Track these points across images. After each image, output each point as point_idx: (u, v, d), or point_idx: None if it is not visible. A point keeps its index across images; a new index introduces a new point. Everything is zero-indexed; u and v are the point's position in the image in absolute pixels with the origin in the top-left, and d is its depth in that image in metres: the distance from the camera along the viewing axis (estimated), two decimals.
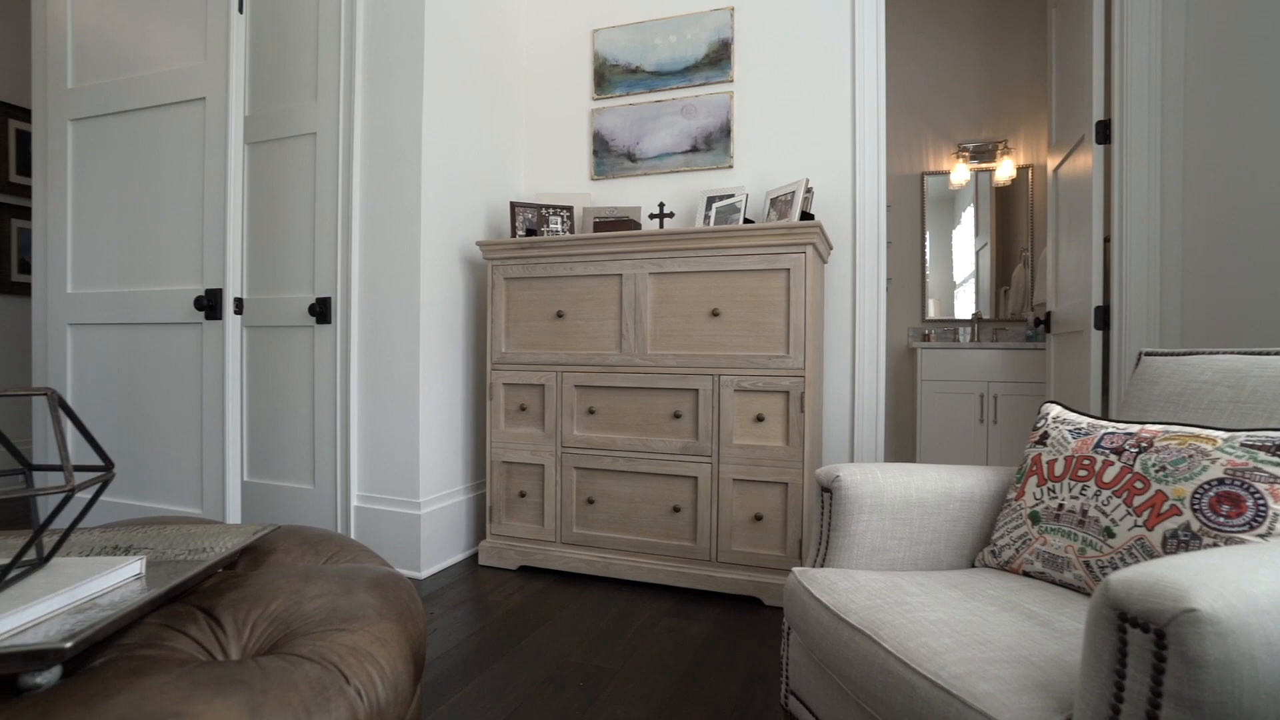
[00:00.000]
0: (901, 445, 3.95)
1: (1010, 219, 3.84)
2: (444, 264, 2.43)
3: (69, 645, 0.60)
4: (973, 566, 1.22)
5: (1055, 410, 1.24)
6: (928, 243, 3.97)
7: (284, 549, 1.05)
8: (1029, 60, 3.75)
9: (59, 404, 0.85)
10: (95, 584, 0.86)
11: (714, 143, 2.64)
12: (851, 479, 1.22)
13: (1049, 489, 1.11)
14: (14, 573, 0.84)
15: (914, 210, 3.98)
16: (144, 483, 2.16)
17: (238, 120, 1.98)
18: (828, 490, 1.26)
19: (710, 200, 2.49)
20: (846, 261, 2.47)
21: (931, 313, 3.97)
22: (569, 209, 2.53)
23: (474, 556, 2.50)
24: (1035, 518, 1.11)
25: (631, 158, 2.76)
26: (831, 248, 2.44)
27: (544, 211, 2.49)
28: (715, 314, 2.11)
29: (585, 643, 1.79)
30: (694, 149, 2.67)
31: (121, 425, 2.20)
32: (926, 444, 3.55)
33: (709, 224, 2.44)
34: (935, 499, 1.22)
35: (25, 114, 3.50)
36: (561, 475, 2.31)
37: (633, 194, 2.77)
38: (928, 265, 3.97)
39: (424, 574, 2.28)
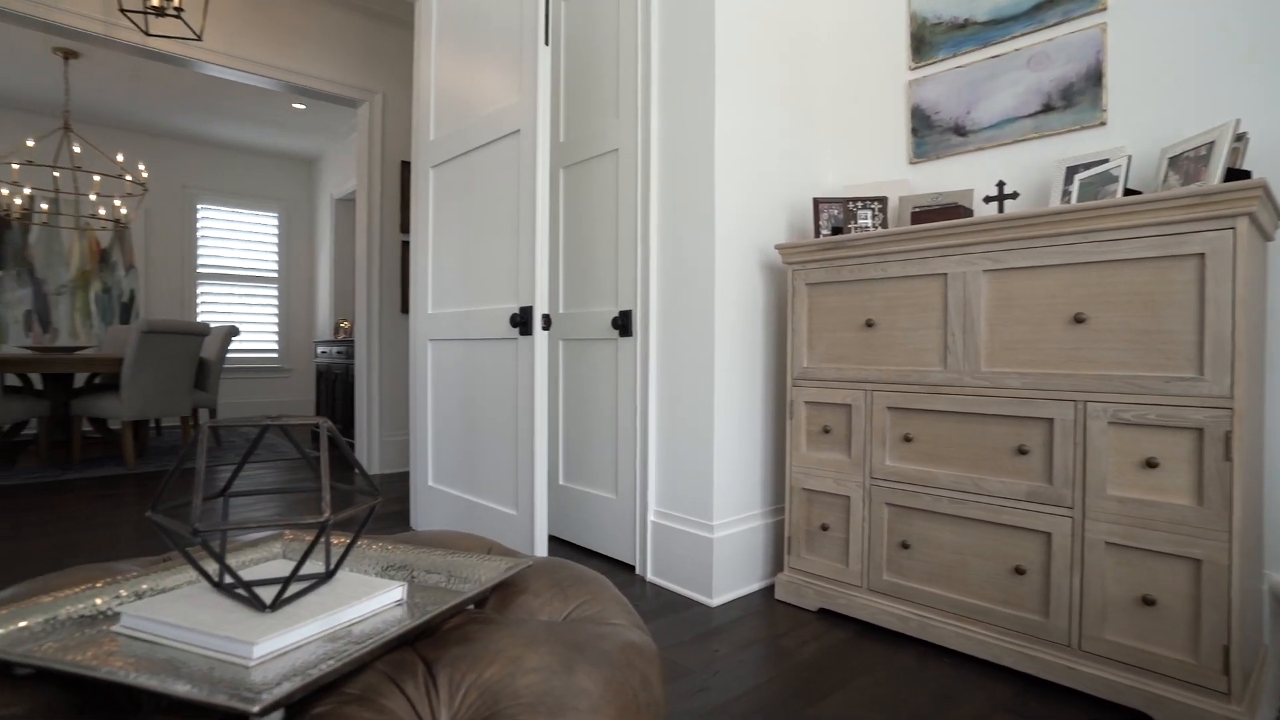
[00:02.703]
0: None
1: None
2: (740, 272, 2.29)
3: (256, 710, 0.56)
4: None
5: None
6: None
7: (534, 590, 0.98)
8: None
9: (330, 435, 0.89)
10: (357, 609, 0.87)
11: (1076, 96, 2.04)
12: None
13: None
14: (298, 587, 0.90)
15: None
16: (476, 481, 2.42)
17: (545, 147, 2.09)
18: None
19: (1071, 171, 1.92)
20: None
21: None
22: (881, 200, 2.18)
23: (770, 589, 2.31)
24: None
25: (960, 131, 2.29)
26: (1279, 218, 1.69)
27: (851, 206, 2.19)
28: (1079, 320, 1.58)
29: None
30: (1046, 108, 2.10)
31: (463, 429, 2.50)
32: None
33: (1069, 201, 1.88)
34: None
35: None
36: (870, 511, 1.98)
37: (962, 175, 2.30)
38: None
39: (715, 602, 2.16)
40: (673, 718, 1.48)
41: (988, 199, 1.99)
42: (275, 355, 7.33)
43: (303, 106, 5.77)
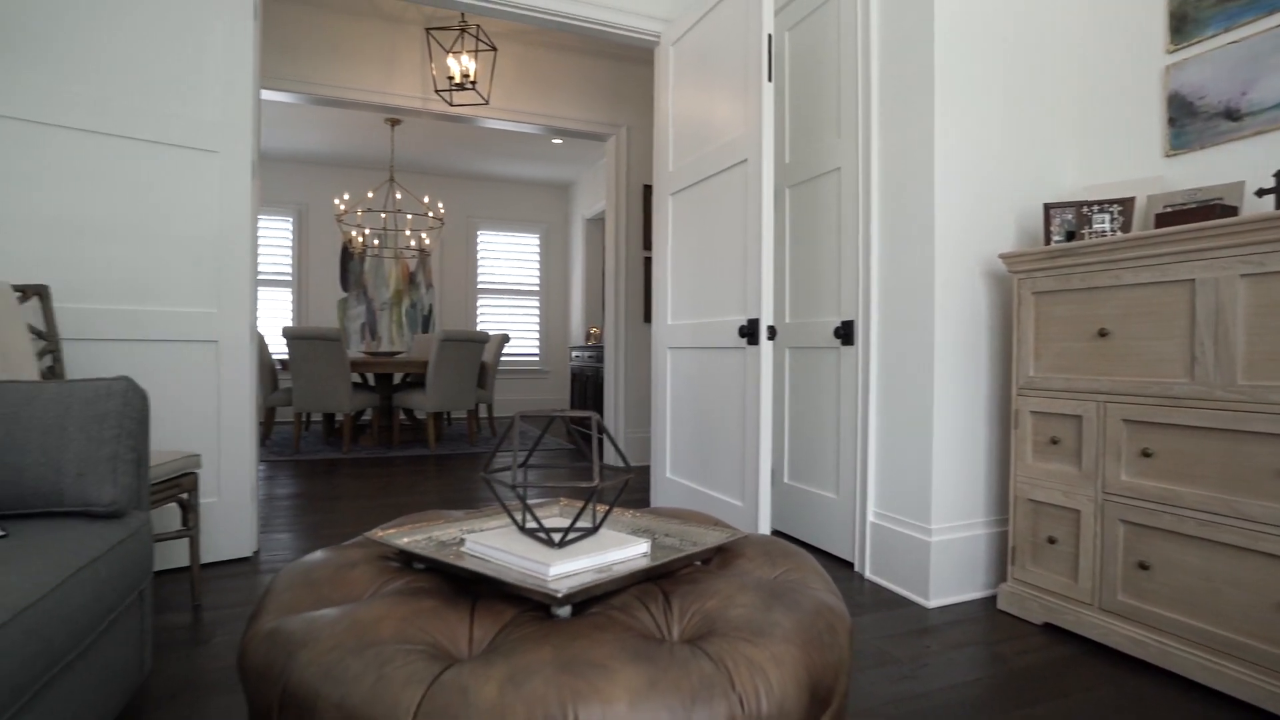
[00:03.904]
0: None
1: None
2: (962, 282, 2.30)
3: (560, 596, 0.87)
4: None
5: None
6: None
7: (749, 555, 1.22)
8: None
9: (598, 426, 1.21)
10: (616, 554, 1.18)
11: None
12: None
13: None
14: (573, 535, 1.23)
15: None
16: (708, 475, 2.72)
17: (769, 174, 2.31)
18: None
19: None
20: None
21: None
22: (1124, 201, 2.05)
23: (992, 599, 2.28)
24: None
25: (1232, 115, 2.06)
26: None
27: (1085, 210, 2.09)
28: None
29: None
30: None
31: (697, 428, 2.82)
32: None
33: None
34: None
35: None
36: (1103, 527, 1.90)
37: (1231, 166, 2.06)
38: None
39: (931, 604, 2.20)
40: (872, 697, 1.61)
41: (1261, 192, 1.80)
42: (537, 359, 8.44)
43: (560, 142, 6.63)
